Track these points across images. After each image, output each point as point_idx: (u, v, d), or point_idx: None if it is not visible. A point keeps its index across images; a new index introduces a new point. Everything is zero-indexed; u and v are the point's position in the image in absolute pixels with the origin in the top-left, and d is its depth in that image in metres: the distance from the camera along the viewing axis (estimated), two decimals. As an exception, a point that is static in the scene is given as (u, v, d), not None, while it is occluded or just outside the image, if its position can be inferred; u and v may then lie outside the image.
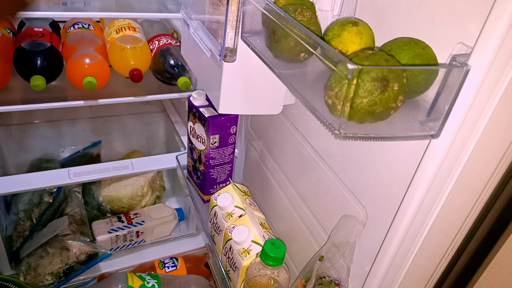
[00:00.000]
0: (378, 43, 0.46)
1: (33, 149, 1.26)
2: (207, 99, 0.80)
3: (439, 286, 0.53)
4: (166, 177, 1.33)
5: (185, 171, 0.95)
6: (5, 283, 0.89)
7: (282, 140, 0.78)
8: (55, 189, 1.14)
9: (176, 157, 0.98)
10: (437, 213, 0.45)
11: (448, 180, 0.42)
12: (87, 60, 0.87)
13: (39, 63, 0.86)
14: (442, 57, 0.41)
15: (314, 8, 0.53)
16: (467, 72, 0.35)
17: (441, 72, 0.37)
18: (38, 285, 0.96)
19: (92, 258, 1.02)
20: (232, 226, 0.72)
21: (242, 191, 0.80)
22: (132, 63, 0.90)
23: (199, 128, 0.80)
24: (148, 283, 0.91)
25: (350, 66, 0.34)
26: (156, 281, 0.92)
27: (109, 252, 1.04)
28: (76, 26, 0.99)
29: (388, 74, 0.36)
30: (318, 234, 0.68)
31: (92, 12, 0.97)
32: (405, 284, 0.52)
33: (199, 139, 0.81)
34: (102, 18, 1.08)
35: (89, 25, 1.01)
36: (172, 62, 0.95)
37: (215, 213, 0.78)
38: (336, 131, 0.37)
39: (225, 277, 0.75)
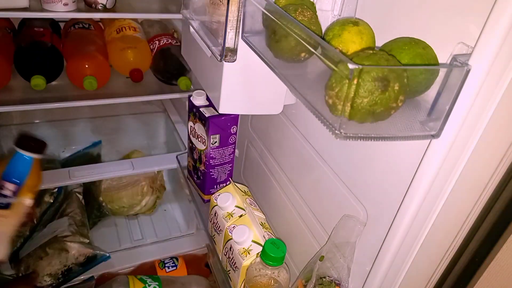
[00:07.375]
0: (379, 43, 0.46)
1: (33, 149, 1.26)
2: (208, 99, 0.80)
3: (440, 286, 0.53)
4: (166, 177, 1.33)
5: (186, 171, 0.95)
6: None
7: (282, 140, 0.78)
8: (55, 189, 1.14)
9: (177, 157, 0.98)
10: (437, 213, 0.45)
11: (448, 180, 0.42)
12: (87, 60, 0.87)
13: (39, 63, 0.86)
14: (443, 57, 0.41)
15: (315, 8, 0.53)
16: (467, 72, 0.35)
17: (442, 72, 0.37)
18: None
19: (91, 261, 1.02)
20: (233, 226, 0.72)
21: (242, 191, 0.80)
22: (133, 63, 0.90)
23: (199, 128, 0.79)
24: (149, 285, 0.91)
25: (350, 66, 0.34)
26: (157, 283, 0.92)
27: (107, 255, 1.04)
28: (76, 26, 0.99)
29: (389, 74, 0.36)
30: (318, 234, 0.68)
31: (92, 12, 0.97)
32: (406, 284, 0.52)
33: (199, 139, 0.81)
34: (102, 18, 1.08)
35: (89, 25, 1.01)
36: (172, 62, 0.95)
37: (215, 213, 0.78)
38: (336, 131, 0.37)
39: (226, 277, 0.75)
